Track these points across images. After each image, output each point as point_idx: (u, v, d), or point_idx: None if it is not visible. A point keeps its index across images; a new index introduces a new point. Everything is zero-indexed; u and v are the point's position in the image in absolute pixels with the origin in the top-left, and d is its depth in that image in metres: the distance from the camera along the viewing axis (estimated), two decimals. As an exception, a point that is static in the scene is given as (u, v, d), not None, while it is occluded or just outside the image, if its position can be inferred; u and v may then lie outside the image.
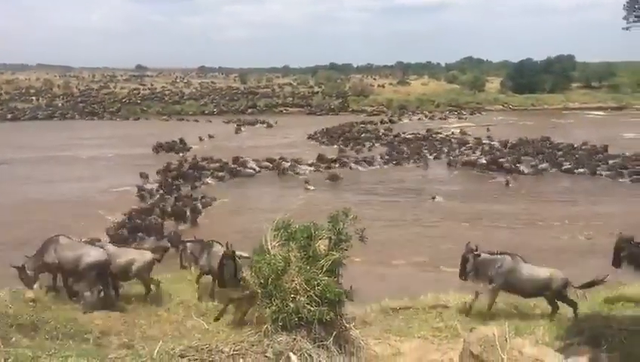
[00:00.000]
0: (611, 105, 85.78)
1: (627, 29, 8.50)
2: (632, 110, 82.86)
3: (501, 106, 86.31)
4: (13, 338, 7.58)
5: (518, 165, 36.63)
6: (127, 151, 44.57)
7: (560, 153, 41.31)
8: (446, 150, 43.72)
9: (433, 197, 28.82)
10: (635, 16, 8.35)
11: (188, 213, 24.61)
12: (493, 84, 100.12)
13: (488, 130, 53.43)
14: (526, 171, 35.70)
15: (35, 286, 10.68)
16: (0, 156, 41.09)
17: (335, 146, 46.84)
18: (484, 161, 37.66)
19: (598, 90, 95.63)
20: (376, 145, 47.38)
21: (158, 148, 44.40)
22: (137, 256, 11.23)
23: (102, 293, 10.46)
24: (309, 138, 51.96)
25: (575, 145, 43.57)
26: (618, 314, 10.35)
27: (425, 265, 18.45)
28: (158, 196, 27.96)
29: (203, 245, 12.05)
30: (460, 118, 72.82)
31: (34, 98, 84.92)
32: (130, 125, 67.86)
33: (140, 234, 21.11)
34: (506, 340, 7.14)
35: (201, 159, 37.66)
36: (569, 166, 36.65)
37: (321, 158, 38.30)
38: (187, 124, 67.63)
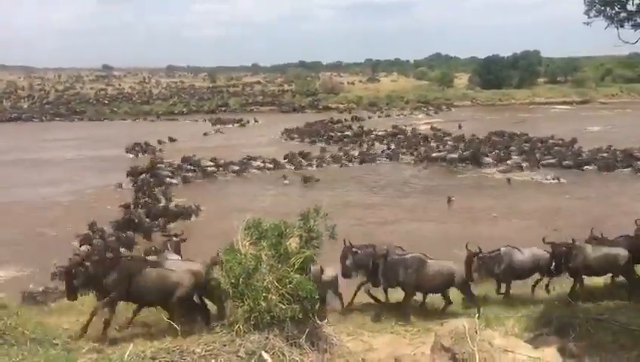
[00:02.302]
0: (576, 100, 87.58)
1: (588, 24, 8.67)
2: (596, 103, 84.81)
3: (469, 102, 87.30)
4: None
5: (508, 160, 37.06)
6: (96, 153, 43.77)
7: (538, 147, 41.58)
8: (421, 146, 43.79)
9: (449, 199, 27.51)
10: (596, 11, 8.51)
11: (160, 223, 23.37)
12: (462, 80, 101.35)
13: (460, 126, 53.91)
14: (515, 166, 35.89)
15: None
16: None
17: (312, 144, 46.82)
18: (456, 156, 37.96)
19: (563, 85, 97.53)
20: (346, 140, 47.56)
21: (133, 149, 43.44)
22: None
23: None
24: (282, 138, 51.60)
25: (543, 139, 44.18)
26: (585, 305, 10.60)
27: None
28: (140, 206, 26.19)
29: None
30: (428, 114, 73.50)
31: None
32: (98, 126, 66.74)
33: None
34: (477, 332, 7.24)
35: (168, 162, 37.10)
36: (553, 161, 36.76)
37: (292, 156, 38.42)
38: (157, 124, 66.86)
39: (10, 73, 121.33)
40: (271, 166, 36.69)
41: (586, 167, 35.27)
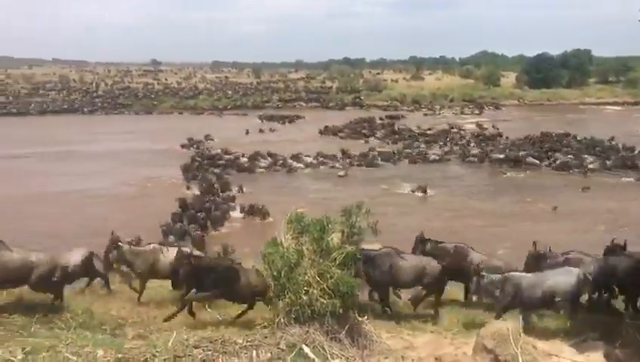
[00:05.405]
0: (628, 100, 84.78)
1: (643, 21, 8.41)
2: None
3: (516, 101, 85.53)
4: (32, 329, 7.71)
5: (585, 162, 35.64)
6: (144, 146, 44.37)
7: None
8: (473, 145, 43.38)
9: (554, 207, 25.69)
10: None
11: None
12: (509, 78, 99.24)
13: (494, 126, 53.03)
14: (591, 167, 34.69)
15: None
16: (18, 150, 41.45)
17: (361, 141, 46.75)
18: (501, 156, 37.23)
19: (614, 85, 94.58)
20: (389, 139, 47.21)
21: (189, 144, 43.67)
22: None
23: None
24: (331, 135, 51.43)
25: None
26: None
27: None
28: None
29: None
30: (474, 113, 72.27)
31: (51, 93, 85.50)
32: (145, 120, 67.97)
33: None
34: (520, 335, 7.13)
35: (222, 153, 37.67)
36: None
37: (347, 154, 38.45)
38: (203, 119, 67.70)
39: (63, 67, 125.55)
40: (327, 161, 36.71)
41: None
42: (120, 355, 6.28)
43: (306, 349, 6.76)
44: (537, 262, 10.66)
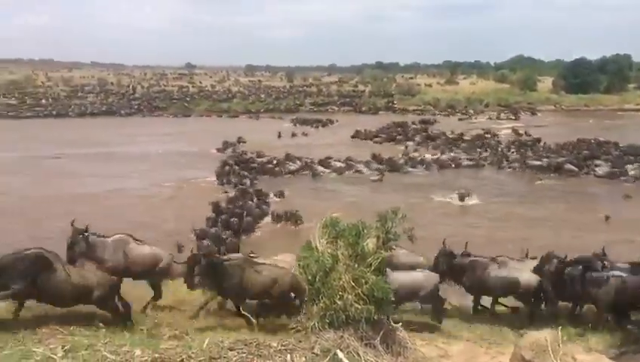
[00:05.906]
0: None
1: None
2: (693, 111, 79.38)
3: (553, 107, 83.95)
4: (72, 327, 7.87)
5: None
6: (180, 148, 44.85)
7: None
8: (512, 151, 42.68)
9: (607, 217, 24.34)
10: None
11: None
12: (545, 83, 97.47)
13: (527, 133, 52.14)
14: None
15: None
16: (57, 151, 42.48)
17: (401, 147, 46.14)
18: (571, 166, 36.08)
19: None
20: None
21: (223, 147, 43.87)
22: None
23: None
24: (364, 139, 51.10)
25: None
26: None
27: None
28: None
29: None
30: (509, 118, 71.09)
31: (89, 95, 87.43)
32: (180, 122, 68.89)
33: None
34: (559, 346, 6.98)
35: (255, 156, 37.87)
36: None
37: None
38: (239, 122, 68.22)
39: (101, 70, 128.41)
40: (357, 165, 36.49)
41: None
42: (157, 355, 6.36)
43: (341, 354, 6.73)
44: (447, 259, 11.20)
